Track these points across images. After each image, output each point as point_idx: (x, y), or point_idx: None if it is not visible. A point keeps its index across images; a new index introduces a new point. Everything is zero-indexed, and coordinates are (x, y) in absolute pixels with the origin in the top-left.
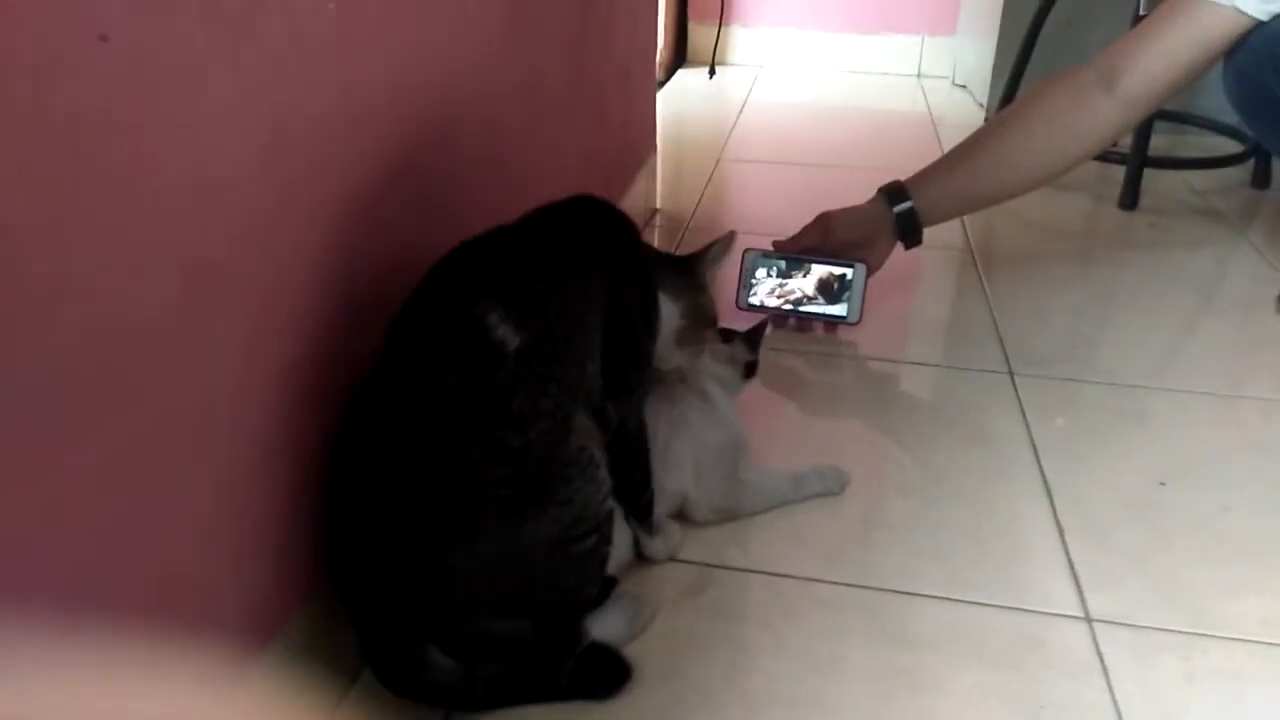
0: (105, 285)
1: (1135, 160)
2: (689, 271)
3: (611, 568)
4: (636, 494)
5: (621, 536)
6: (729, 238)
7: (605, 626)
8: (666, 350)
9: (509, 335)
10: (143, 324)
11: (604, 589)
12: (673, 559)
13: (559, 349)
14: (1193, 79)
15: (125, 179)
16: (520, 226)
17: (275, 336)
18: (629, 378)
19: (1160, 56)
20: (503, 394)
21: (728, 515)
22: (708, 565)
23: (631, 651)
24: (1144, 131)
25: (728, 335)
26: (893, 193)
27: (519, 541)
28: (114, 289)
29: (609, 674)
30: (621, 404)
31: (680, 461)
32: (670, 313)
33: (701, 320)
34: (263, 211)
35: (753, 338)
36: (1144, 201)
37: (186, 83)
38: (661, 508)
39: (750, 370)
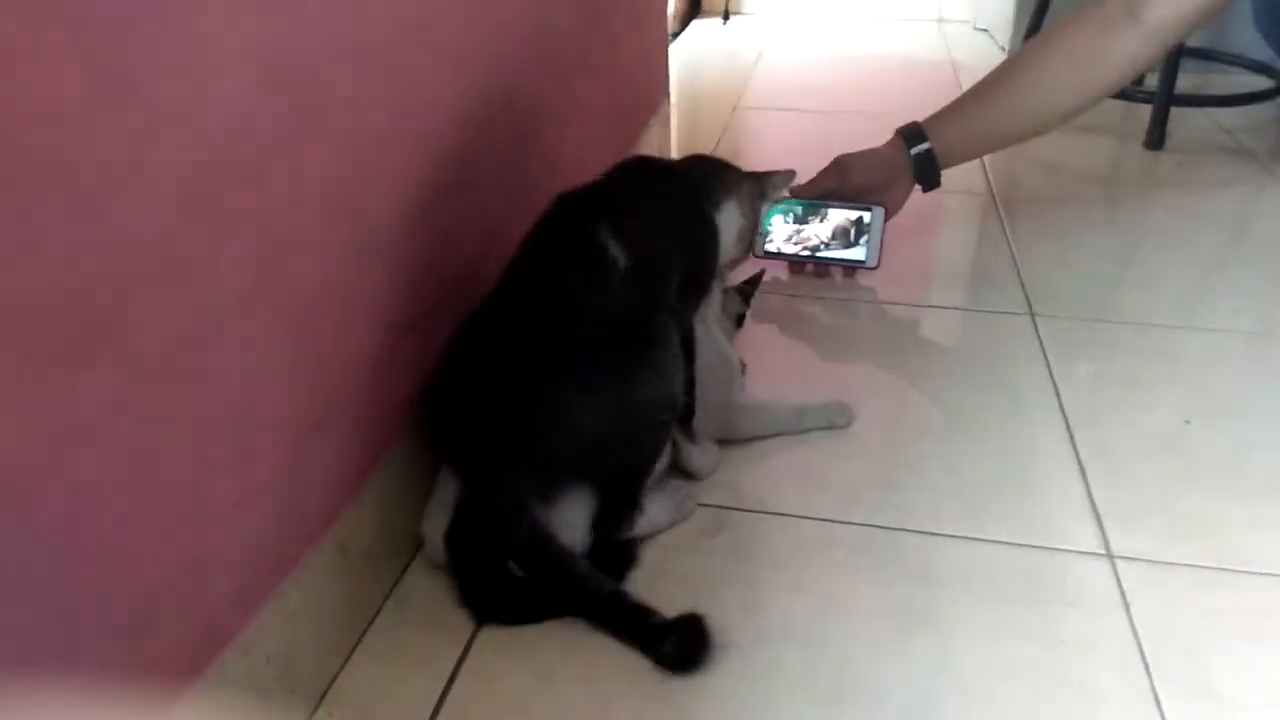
0: (99, 207)
1: (1162, 98)
2: (756, 183)
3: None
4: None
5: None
6: (790, 173)
7: (657, 511)
8: (729, 245)
9: (620, 255)
10: (143, 246)
11: None
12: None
13: (652, 272)
14: (1221, 8)
15: (119, 101)
16: (617, 178)
17: (284, 264)
18: (688, 295)
19: None
20: (614, 299)
21: (726, 434)
22: (724, 507)
23: (648, 592)
24: (1171, 69)
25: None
26: (910, 134)
27: (624, 402)
28: (111, 209)
29: (694, 644)
30: (680, 314)
31: None
32: (733, 215)
33: (754, 224)
34: (262, 140)
35: (746, 291)
36: (1171, 141)
37: (183, 8)
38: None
39: (739, 321)
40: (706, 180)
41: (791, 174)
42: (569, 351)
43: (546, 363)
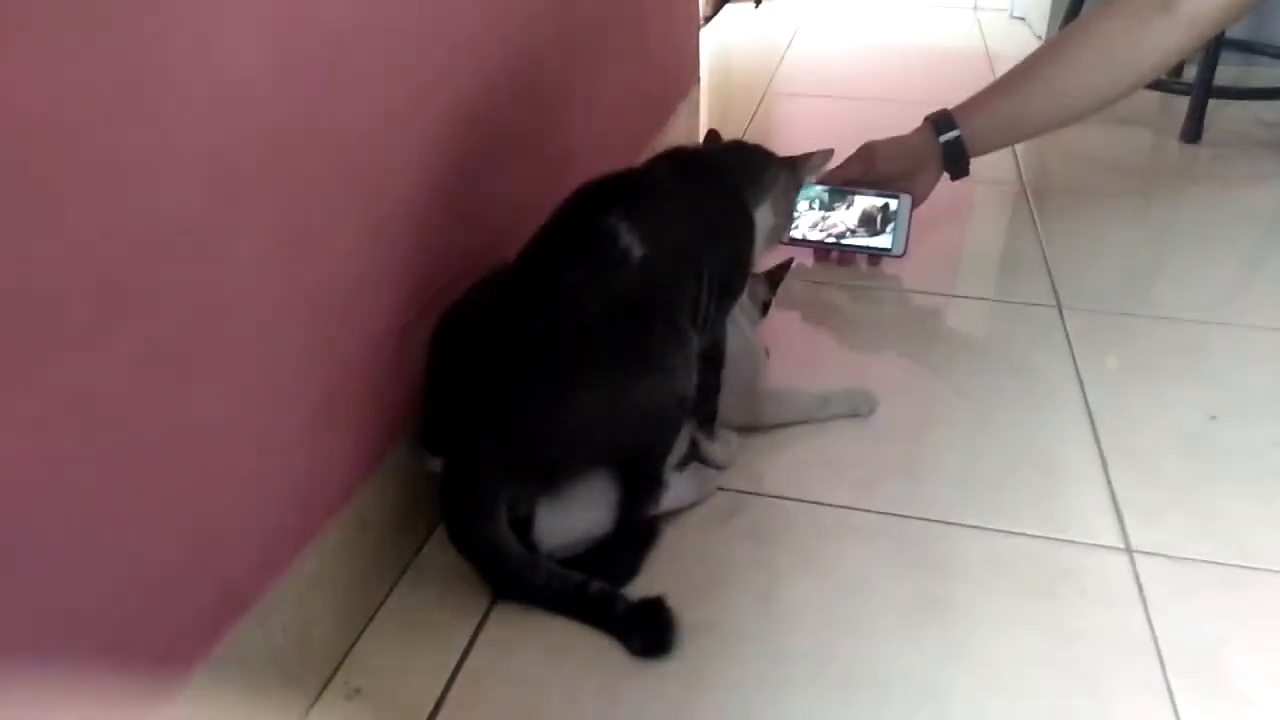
0: (118, 183)
1: (1200, 91)
2: (793, 172)
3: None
4: (705, 398)
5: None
6: (828, 153)
7: (680, 490)
8: (762, 242)
9: (634, 245)
10: (160, 222)
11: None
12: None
13: (672, 267)
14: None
15: (137, 79)
16: (643, 168)
17: (303, 241)
18: (722, 298)
19: None
20: (624, 290)
21: (749, 421)
22: (742, 491)
23: (664, 574)
24: (1209, 60)
25: None
26: (939, 121)
27: (625, 399)
28: (127, 187)
29: (658, 631)
30: (713, 325)
31: None
32: (767, 212)
33: (788, 221)
34: (280, 117)
35: (774, 277)
36: (1208, 134)
37: None
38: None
39: (764, 309)
40: (747, 171)
41: (829, 154)
42: (561, 353)
43: (536, 367)
